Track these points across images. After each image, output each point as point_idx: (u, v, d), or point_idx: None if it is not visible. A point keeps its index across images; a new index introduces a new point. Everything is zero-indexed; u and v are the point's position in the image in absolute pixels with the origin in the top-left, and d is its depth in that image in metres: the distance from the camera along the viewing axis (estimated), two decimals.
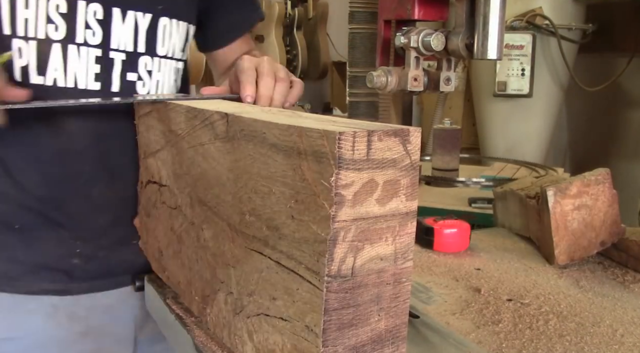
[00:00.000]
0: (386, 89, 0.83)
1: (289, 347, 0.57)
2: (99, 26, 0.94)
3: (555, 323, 0.83)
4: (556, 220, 1.05)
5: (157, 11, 0.99)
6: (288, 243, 0.55)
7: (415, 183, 0.53)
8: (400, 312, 0.55)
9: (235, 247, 0.67)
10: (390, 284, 0.54)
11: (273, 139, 0.57)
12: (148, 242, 0.98)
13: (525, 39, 2.51)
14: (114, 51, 0.96)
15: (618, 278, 1.02)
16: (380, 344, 0.54)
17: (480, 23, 0.76)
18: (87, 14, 0.93)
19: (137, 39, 0.98)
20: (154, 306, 0.94)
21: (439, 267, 1.06)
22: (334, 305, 0.51)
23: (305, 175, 0.52)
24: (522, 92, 2.56)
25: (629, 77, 2.67)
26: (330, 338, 0.51)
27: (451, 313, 0.87)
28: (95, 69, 0.95)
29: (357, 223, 0.50)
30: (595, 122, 3.01)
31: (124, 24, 0.96)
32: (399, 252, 0.54)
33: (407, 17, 0.83)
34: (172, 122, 0.83)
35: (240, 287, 0.66)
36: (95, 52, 0.95)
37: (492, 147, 2.76)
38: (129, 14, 0.97)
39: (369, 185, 0.50)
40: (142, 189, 0.98)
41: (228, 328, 0.70)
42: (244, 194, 0.64)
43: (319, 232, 0.50)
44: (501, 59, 0.81)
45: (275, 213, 0.57)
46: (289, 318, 0.56)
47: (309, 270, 0.52)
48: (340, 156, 0.48)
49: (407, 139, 0.51)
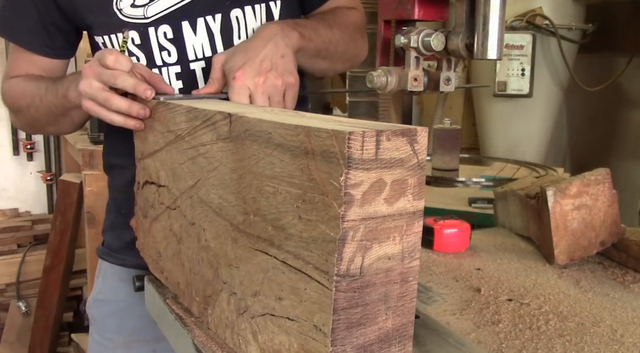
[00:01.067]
0: (386, 89, 0.83)
1: (296, 347, 0.57)
2: (172, 45, 1.01)
3: (555, 323, 0.84)
4: (556, 220, 1.05)
5: (225, 8, 1.01)
6: (295, 243, 0.55)
7: (422, 183, 0.53)
8: (407, 310, 0.55)
9: (239, 247, 0.67)
10: (397, 283, 0.54)
11: (279, 138, 0.57)
12: (145, 242, 0.97)
13: (525, 39, 2.51)
14: (193, 62, 1.01)
15: (618, 278, 1.03)
16: (387, 343, 0.54)
17: (480, 23, 0.75)
18: (158, 37, 1.00)
19: (214, 41, 1.01)
20: (154, 306, 0.94)
21: (439, 267, 1.07)
22: (342, 305, 0.51)
23: (313, 175, 0.52)
24: (522, 92, 2.56)
25: (629, 77, 2.67)
26: (339, 338, 0.52)
27: (451, 313, 0.87)
28: (178, 85, 1.02)
29: (366, 222, 0.50)
30: (595, 122, 3.01)
31: (197, 35, 1.00)
32: (406, 251, 0.54)
33: (407, 17, 0.83)
34: (172, 123, 0.82)
35: (244, 287, 0.66)
36: (175, 69, 1.01)
37: (492, 147, 2.76)
38: (199, 23, 1.00)
39: (377, 184, 0.50)
40: (139, 190, 0.97)
41: (231, 328, 0.70)
42: (247, 194, 0.64)
43: (328, 231, 0.50)
44: (501, 59, 0.80)
45: (281, 213, 0.57)
46: (296, 318, 0.56)
47: (317, 270, 0.52)
48: (350, 156, 0.48)
49: (415, 138, 0.52)
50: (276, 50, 0.90)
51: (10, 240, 3.01)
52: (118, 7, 1.00)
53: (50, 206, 3.30)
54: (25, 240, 3.05)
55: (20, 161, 3.29)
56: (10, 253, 2.96)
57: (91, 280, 2.36)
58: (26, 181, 3.31)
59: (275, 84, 0.88)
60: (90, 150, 2.32)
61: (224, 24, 1.01)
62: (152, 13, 1.00)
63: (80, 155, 2.36)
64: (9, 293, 2.89)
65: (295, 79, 0.91)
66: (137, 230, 1.00)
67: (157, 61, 1.01)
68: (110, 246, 1.19)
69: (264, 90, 0.88)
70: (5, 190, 3.28)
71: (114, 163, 1.17)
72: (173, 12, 1.00)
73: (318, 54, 1.00)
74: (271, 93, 0.88)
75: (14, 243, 3.02)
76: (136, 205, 0.99)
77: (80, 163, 2.37)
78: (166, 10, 1.00)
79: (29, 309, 2.85)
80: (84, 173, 2.32)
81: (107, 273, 1.20)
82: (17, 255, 2.94)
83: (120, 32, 1.01)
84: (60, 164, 3.33)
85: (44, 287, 2.73)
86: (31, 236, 3.08)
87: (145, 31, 1.00)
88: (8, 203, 3.26)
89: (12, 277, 2.87)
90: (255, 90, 0.87)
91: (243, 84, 0.87)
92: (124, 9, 1.00)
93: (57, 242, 2.71)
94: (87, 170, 2.31)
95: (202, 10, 1.00)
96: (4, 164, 3.26)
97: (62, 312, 2.87)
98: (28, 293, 2.90)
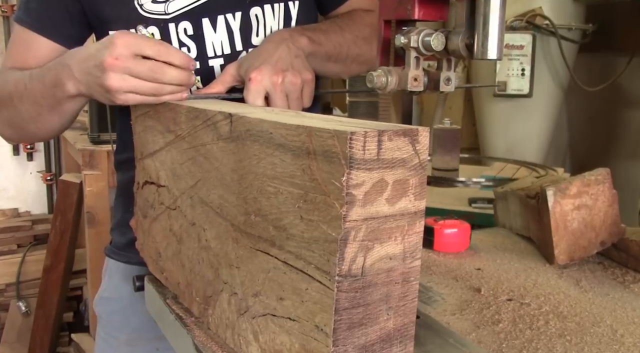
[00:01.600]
0: (386, 89, 0.83)
1: (297, 347, 0.57)
2: (192, 41, 1.01)
3: (556, 323, 0.84)
4: (556, 220, 1.05)
5: (245, 6, 1.01)
6: (296, 244, 0.56)
7: (423, 183, 0.53)
8: (409, 310, 0.55)
9: (240, 248, 0.67)
10: (399, 283, 0.54)
11: (280, 139, 0.57)
12: (145, 243, 0.97)
13: (525, 39, 2.50)
14: (212, 59, 1.02)
15: (618, 278, 1.02)
16: (389, 343, 0.55)
17: (480, 23, 0.75)
18: (178, 33, 1.00)
19: (234, 39, 1.02)
20: (154, 306, 0.94)
21: (439, 267, 1.07)
22: (344, 305, 0.51)
23: (315, 175, 0.52)
24: (522, 92, 2.56)
25: (629, 77, 2.67)
26: (341, 338, 0.52)
27: (451, 313, 0.87)
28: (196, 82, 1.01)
29: (368, 222, 0.51)
30: (595, 122, 3.01)
31: (217, 32, 1.01)
32: (408, 251, 0.54)
33: (407, 17, 0.83)
34: (172, 123, 0.82)
35: (245, 288, 0.66)
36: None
37: (492, 147, 2.76)
38: (219, 20, 1.01)
39: (379, 184, 0.50)
40: (138, 190, 0.97)
41: (232, 328, 0.70)
42: (248, 194, 0.64)
43: (330, 231, 0.51)
44: (501, 59, 0.80)
45: (283, 213, 0.57)
46: (298, 318, 0.56)
47: (319, 270, 0.52)
48: (352, 156, 0.48)
49: (416, 138, 0.52)
50: (289, 52, 0.91)
51: (10, 240, 3.01)
52: (139, 2, 1.00)
53: (50, 206, 3.30)
54: (25, 240, 3.05)
55: (20, 161, 3.29)
56: (10, 253, 2.96)
57: (91, 280, 2.37)
58: (26, 181, 3.31)
59: (293, 82, 0.89)
60: (90, 150, 2.32)
61: (243, 22, 1.02)
62: (173, 9, 1.00)
63: (80, 155, 2.36)
64: (9, 293, 2.89)
65: (312, 75, 0.92)
66: (136, 230, 1.00)
67: None
68: (117, 244, 1.20)
69: (282, 89, 0.88)
70: (5, 190, 3.28)
71: (123, 159, 1.17)
72: (194, 9, 1.00)
73: (329, 57, 1.01)
74: (290, 90, 0.89)
75: (14, 243, 3.02)
76: (136, 205, 0.99)
77: (80, 163, 2.37)
78: (187, 7, 1.00)
79: (29, 309, 2.85)
80: (84, 173, 2.32)
81: (112, 271, 1.21)
82: (17, 255, 2.94)
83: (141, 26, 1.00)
84: (60, 164, 3.33)
85: (44, 287, 2.73)
86: (31, 236, 3.07)
87: (165, 27, 1.00)
88: (8, 203, 3.26)
89: (12, 277, 2.87)
90: (273, 89, 0.88)
91: (260, 85, 0.88)
92: (144, 4, 1.00)
93: (57, 242, 2.71)
94: (87, 170, 2.31)
95: (222, 8, 1.01)
96: (4, 164, 3.26)
97: (62, 312, 2.87)
98: (28, 293, 2.90)
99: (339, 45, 1.02)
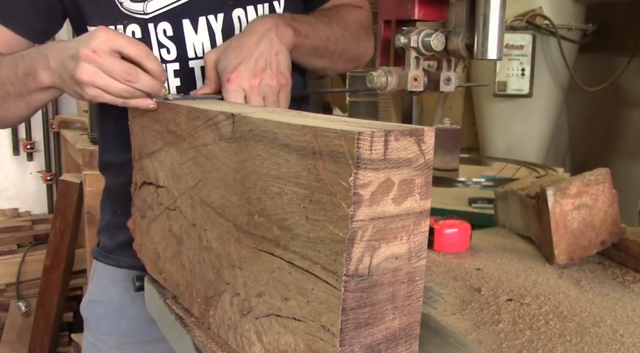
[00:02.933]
0: (386, 89, 0.84)
1: (302, 347, 0.57)
2: (172, 42, 0.99)
3: (556, 323, 0.84)
4: (556, 220, 1.05)
5: (228, 7, 1.00)
6: (302, 244, 0.56)
7: (428, 183, 0.53)
8: (414, 310, 0.56)
9: (243, 248, 0.66)
10: (404, 283, 0.54)
11: (285, 139, 0.57)
12: (143, 244, 0.97)
13: (525, 39, 2.51)
14: (192, 60, 1.00)
15: (618, 278, 1.03)
16: (394, 342, 0.55)
17: (480, 23, 0.76)
18: (157, 34, 0.99)
19: (215, 41, 1.00)
20: (154, 306, 0.94)
21: (439, 267, 1.07)
22: (351, 305, 0.51)
23: (321, 175, 0.52)
24: (522, 92, 2.56)
25: (629, 77, 2.67)
26: (347, 338, 0.52)
27: (451, 313, 0.87)
28: (176, 82, 1.01)
29: (374, 222, 0.51)
30: (595, 122, 3.01)
31: (198, 34, 1.00)
32: (413, 250, 0.54)
33: (407, 17, 0.83)
34: (171, 123, 0.82)
35: (248, 288, 0.66)
36: (173, 66, 1.00)
37: (492, 147, 2.76)
38: (201, 21, 0.99)
39: (385, 184, 0.51)
40: (136, 191, 0.97)
41: (234, 329, 0.70)
42: (252, 195, 0.63)
43: (336, 231, 0.51)
44: (501, 59, 0.81)
45: (288, 213, 0.57)
46: (303, 319, 0.56)
47: (326, 270, 0.52)
48: (359, 156, 0.48)
49: (422, 138, 0.52)
50: (270, 48, 0.88)
51: (10, 240, 3.01)
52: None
53: (50, 206, 3.30)
54: (25, 240, 3.05)
55: (20, 161, 3.29)
56: (10, 253, 2.96)
57: None
58: (26, 181, 3.31)
59: (270, 85, 0.88)
60: (90, 150, 2.32)
61: (225, 24, 1.00)
62: (152, 9, 0.99)
63: (80, 155, 2.36)
64: (9, 293, 2.89)
65: (287, 80, 0.90)
66: (134, 231, 1.00)
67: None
68: (105, 247, 1.17)
69: (259, 91, 0.87)
70: (5, 190, 3.27)
71: (110, 162, 1.15)
72: (173, 10, 0.99)
73: (315, 51, 0.99)
74: (266, 93, 0.88)
75: (14, 243, 3.02)
76: (133, 205, 0.98)
77: (80, 163, 2.38)
78: (166, 7, 0.99)
79: (29, 309, 2.85)
80: (84, 173, 2.32)
81: (100, 275, 1.19)
82: (17, 255, 2.94)
83: (121, 25, 0.98)
84: (60, 164, 3.33)
85: (44, 287, 2.73)
86: (31, 236, 3.07)
87: (145, 27, 0.99)
88: (8, 203, 3.26)
89: (12, 277, 2.87)
90: (250, 92, 0.87)
91: (238, 86, 0.86)
92: (124, 3, 0.99)
93: (57, 242, 2.71)
94: (87, 170, 2.31)
95: (204, 9, 0.99)
96: (4, 164, 3.26)
97: (62, 312, 2.87)
98: (28, 293, 2.90)
99: (326, 38, 1.00)
